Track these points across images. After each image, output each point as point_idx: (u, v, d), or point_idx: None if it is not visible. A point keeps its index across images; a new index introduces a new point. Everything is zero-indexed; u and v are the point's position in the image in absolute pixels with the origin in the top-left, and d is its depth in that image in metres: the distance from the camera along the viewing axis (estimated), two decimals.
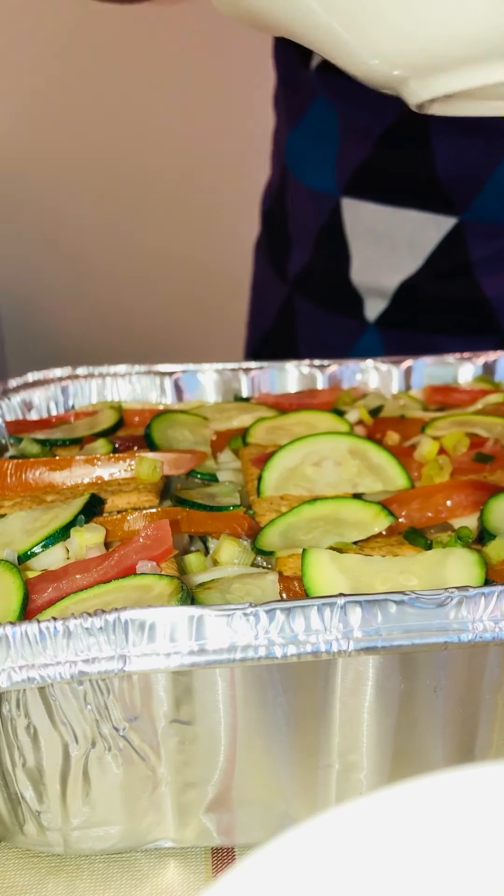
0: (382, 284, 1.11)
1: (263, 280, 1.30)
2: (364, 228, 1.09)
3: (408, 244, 1.07)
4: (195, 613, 0.47)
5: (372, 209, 1.07)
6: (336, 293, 1.16)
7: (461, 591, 0.49)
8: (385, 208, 1.06)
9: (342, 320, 1.16)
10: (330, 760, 0.53)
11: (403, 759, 0.54)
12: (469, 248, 1.04)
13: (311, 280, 1.19)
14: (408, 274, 1.09)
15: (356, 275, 1.12)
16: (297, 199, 1.18)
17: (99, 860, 0.57)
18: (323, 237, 1.14)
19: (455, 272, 1.06)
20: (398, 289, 1.10)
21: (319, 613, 0.48)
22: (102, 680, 0.48)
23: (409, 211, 1.05)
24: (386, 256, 1.09)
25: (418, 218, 1.05)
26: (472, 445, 0.74)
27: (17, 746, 0.51)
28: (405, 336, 1.12)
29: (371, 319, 1.14)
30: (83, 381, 0.88)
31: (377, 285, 1.12)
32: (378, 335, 1.14)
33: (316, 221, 1.14)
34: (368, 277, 1.12)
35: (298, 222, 1.18)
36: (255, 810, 0.55)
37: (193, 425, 0.80)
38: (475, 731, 0.53)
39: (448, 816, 0.30)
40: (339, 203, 1.10)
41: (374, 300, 1.13)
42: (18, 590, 0.55)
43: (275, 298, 1.25)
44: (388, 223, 1.07)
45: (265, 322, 1.28)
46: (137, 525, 0.63)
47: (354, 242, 1.11)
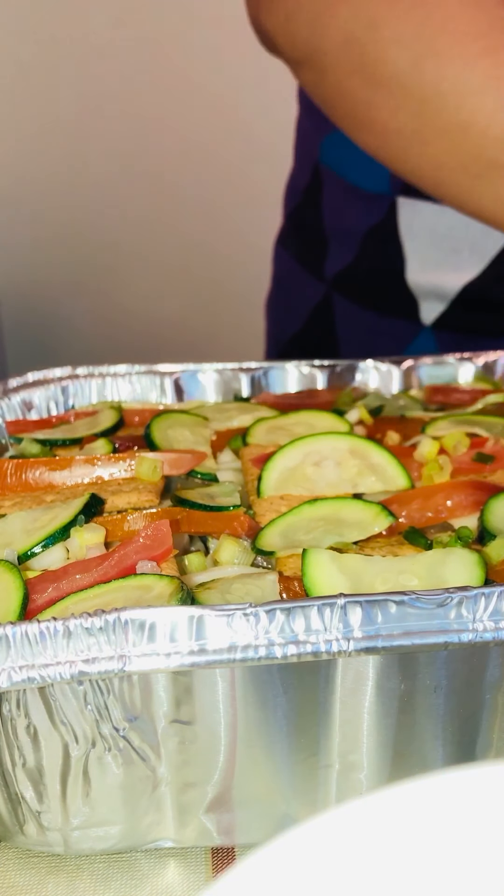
0: (442, 286, 1.09)
1: (290, 278, 1.27)
2: (422, 229, 1.07)
3: (470, 247, 1.05)
4: (195, 613, 0.47)
5: (432, 210, 1.05)
6: (386, 294, 1.13)
7: (461, 591, 0.49)
8: (447, 209, 1.03)
9: (392, 322, 1.14)
10: (330, 760, 0.53)
11: (403, 759, 0.54)
12: None
13: (355, 280, 1.16)
14: (471, 276, 1.06)
15: (412, 276, 1.10)
16: (337, 198, 1.16)
17: (99, 860, 0.57)
18: (372, 237, 1.11)
19: None
20: (460, 292, 1.08)
21: (319, 613, 0.48)
22: (102, 680, 0.48)
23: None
24: (446, 258, 1.07)
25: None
26: (472, 445, 0.74)
27: (17, 746, 0.51)
28: (462, 339, 1.10)
29: (427, 322, 1.11)
30: (83, 381, 0.88)
31: (436, 287, 1.09)
32: (432, 338, 1.12)
33: (364, 221, 1.12)
34: (427, 279, 1.09)
35: (339, 221, 1.16)
36: (255, 810, 0.55)
37: (193, 425, 0.80)
38: (475, 731, 0.53)
39: (448, 816, 0.30)
40: (395, 203, 1.08)
41: (431, 302, 1.11)
42: (18, 590, 0.55)
43: (308, 298, 1.22)
44: (450, 225, 1.05)
45: (294, 322, 1.25)
46: (137, 525, 0.63)
47: (410, 243, 1.08)
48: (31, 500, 0.69)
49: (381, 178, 1.08)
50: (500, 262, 1.05)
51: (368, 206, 1.11)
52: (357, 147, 1.07)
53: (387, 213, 1.09)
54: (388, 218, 1.09)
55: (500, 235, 1.02)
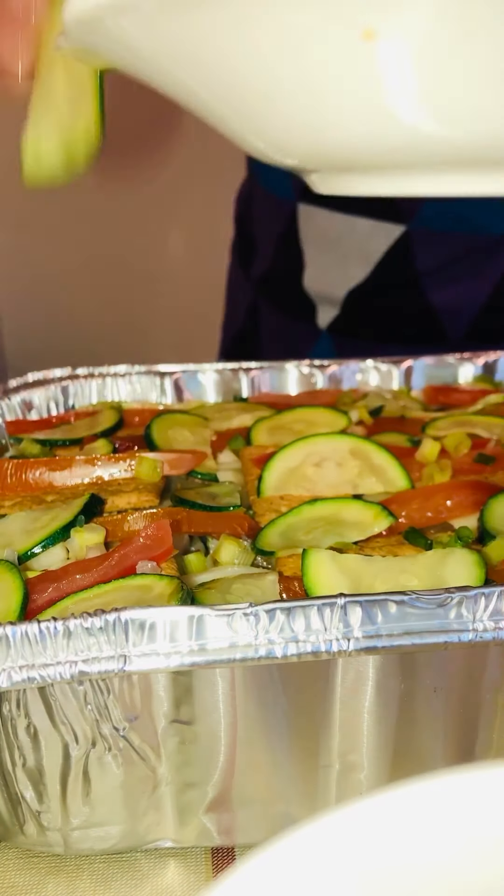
0: (333, 292, 1.12)
1: (235, 282, 1.32)
2: (317, 235, 1.10)
3: (358, 252, 1.08)
4: (195, 613, 0.47)
5: (325, 216, 1.08)
6: (293, 298, 1.17)
7: (461, 591, 0.49)
8: (337, 215, 1.07)
9: (299, 325, 1.17)
10: (330, 760, 0.53)
11: (403, 759, 0.54)
12: (416, 258, 1.05)
13: (271, 284, 1.20)
14: (356, 282, 1.09)
15: (308, 282, 1.13)
16: (260, 204, 1.20)
17: (99, 860, 0.57)
18: (282, 242, 1.15)
19: (403, 281, 1.07)
20: (347, 296, 1.11)
21: (319, 613, 0.48)
22: (102, 680, 0.48)
23: (359, 218, 1.06)
24: (337, 264, 1.10)
25: (368, 225, 1.05)
26: (473, 446, 0.74)
27: (18, 746, 0.51)
28: (356, 344, 1.13)
29: (322, 326, 1.14)
30: (83, 381, 0.88)
31: (328, 293, 1.12)
32: (330, 342, 1.15)
33: (277, 226, 1.15)
34: (320, 285, 1.13)
35: (261, 226, 1.20)
36: (255, 810, 0.55)
37: (193, 425, 0.80)
38: (475, 731, 0.53)
39: (448, 816, 0.30)
40: (296, 209, 1.10)
41: (326, 307, 1.14)
42: (18, 590, 0.55)
43: (244, 300, 1.27)
44: (340, 230, 1.08)
45: (236, 322, 1.30)
46: (137, 525, 0.63)
47: (308, 249, 1.12)
48: (32, 500, 0.69)
49: (285, 183, 1.11)
50: (383, 269, 1.07)
51: (279, 211, 1.14)
52: None
53: (291, 218, 1.12)
54: (291, 223, 1.12)
55: (384, 242, 1.05)
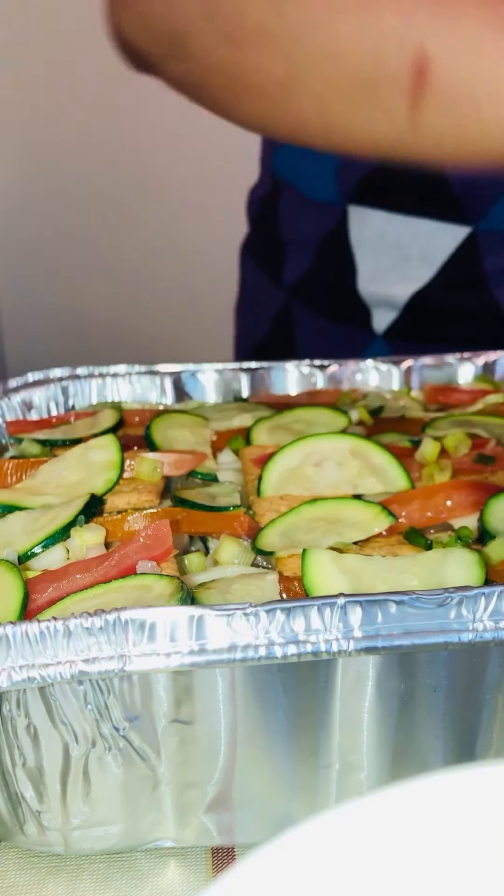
0: (392, 295, 1.09)
1: (255, 286, 1.28)
2: (372, 237, 1.07)
3: (419, 254, 1.05)
4: (195, 613, 0.47)
5: (381, 217, 1.05)
6: (340, 303, 1.13)
7: (461, 591, 0.49)
8: (395, 216, 1.04)
9: (347, 331, 1.14)
10: (330, 760, 0.53)
11: (403, 759, 0.54)
12: (483, 259, 1.02)
13: (311, 288, 1.17)
14: (420, 285, 1.06)
15: (363, 284, 1.10)
16: (292, 207, 1.16)
17: (99, 860, 0.57)
18: (325, 246, 1.12)
19: (469, 283, 1.05)
20: (410, 300, 1.08)
21: (319, 613, 0.48)
22: (102, 680, 0.48)
23: (420, 220, 1.03)
24: (396, 266, 1.07)
25: (430, 227, 1.03)
26: (473, 446, 0.74)
27: (18, 746, 0.51)
28: (414, 348, 1.09)
29: (379, 331, 1.12)
30: (83, 381, 0.88)
31: (386, 296, 1.09)
32: (386, 347, 1.12)
33: (317, 230, 1.12)
34: (377, 288, 1.10)
35: (295, 231, 1.16)
36: (255, 810, 0.55)
37: (193, 426, 0.80)
38: (475, 731, 0.53)
39: (448, 816, 0.30)
40: (346, 211, 1.08)
41: (383, 311, 1.11)
42: (18, 590, 0.55)
43: (269, 306, 1.23)
44: (399, 232, 1.05)
45: (259, 330, 1.26)
46: (137, 525, 0.63)
47: (360, 252, 1.09)
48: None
49: (329, 188, 1.09)
50: (448, 271, 1.05)
51: (321, 214, 1.11)
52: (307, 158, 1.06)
53: (338, 221, 1.09)
54: (339, 226, 1.09)
55: (448, 243, 1.03)
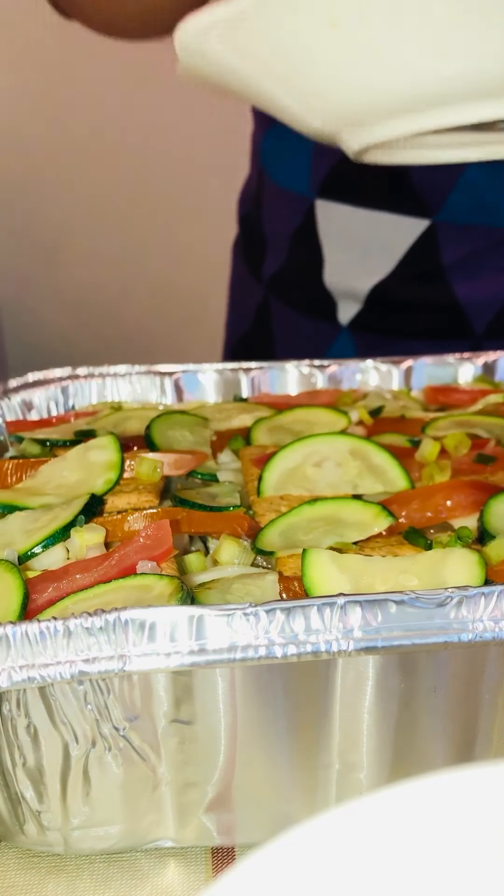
0: (355, 287, 1.11)
1: (241, 281, 1.30)
2: (337, 231, 1.09)
3: (380, 247, 1.07)
4: (195, 613, 0.47)
5: (345, 211, 1.07)
6: (310, 296, 1.16)
7: (461, 591, 0.49)
8: (358, 210, 1.06)
9: (316, 323, 1.16)
10: (330, 760, 0.53)
11: (403, 759, 0.54)
12: (441, 251, 1.04)
13: (286, 282, 1.19)
14: (380, 277, 1.09)
15: (329, 277, 1.12)
16: (271, 201, 1.18)
17: (99, 860, 0.57)
18: (297, 239, 1.14)
19: (428, 275, 1.06)
20: (371, 292, 1.10)
21: (319, 613, 0.48)
22: (102, 680, 0.48)
23: (381, 213, 1.05)
24: (359, 259, 1.09)
25: (391, 220, 1.05)
26: (473, 446, 0.74)
27: (18, 746, 0.51)
28: (378, 340, 1.12)
29: (344, 323, 1.14)
30: (83, 381, 0.88)
31: (350, 288, 1.12)
32: (351, 339, 1.14)
33: (290, 223, 1.14)
34: (341, 280, 1.12)
35: (273, 224, 1.19)
36: (255, 810, 0.55)
37: (193, 426, 0.80)
38: (475, 731, 0.53)
39: (448, 816, 0.30)
40: (314, 205, 1.10)
41: (347, 303, 1.13)
42: (18, 590, 0.55)
43: (252, 300, 1.25)
44: (361, 225, 1.07)
45: (243, 324, 1.29)
46: (137, 525, 0.63)
47: (328, 245, 1.11)
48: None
49: (302, 180, 1.10)
50: (407, 263, 1.06)
51: (293, 207, 1.13)
52: (287, 146, 1.09)
53: (307, 215, 1.11)
54: (308, 220, 1.11)
55: (408, 236, 1.05)
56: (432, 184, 1.00)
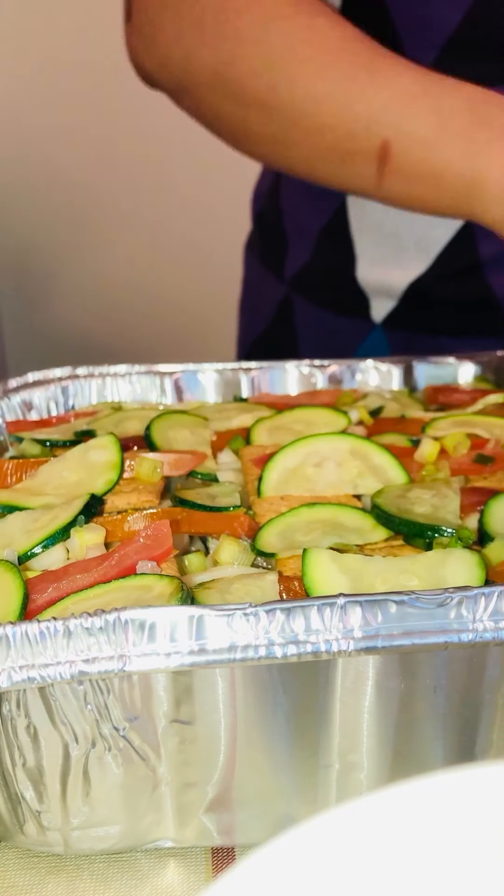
0: (390, 284, 1.09)
1: (256, 281, 1.29)
2: (371, 227, 1.08)
3: (416, 243, 1.06)
4: (195, 613, 0.47)
5: (379, 207, 1.05)
6: (340, 293, 1.14)
7: (461, 591, 0.49)
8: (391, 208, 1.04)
9: (346, 321, 1.15)
10: (330, 760, 0.53)
11: (403, 759, 0.54)
12: (479, 247, 1.03)
13: (312, 280, 1.17)
14: (417, 273, 1.07)
15: (362, 274, 1.11)
16: (294, 198, 1.17)
17: (99, 860, 0.57)
18: (325, 236, 1.13)
19: (464, 272, 1.05)
20: (407, 289, 1.08)
21: (319, 613, 0.48)
22: (102, 680, 0.48)
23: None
24: (393, 255, 1.08)
25: (424, 217, 1.02)
26: (472, 447, 0.74)
27: (17, 746, 0.51)
28: (412, 337, 1.11)
29: (377, 320, 1.12)
30: (83, 381, 0.88)
31: (384, 285, 1.10)
32: (384, 336, 1.13)
33: (317, 220, 1.13)
34: (375, 277, 1.10)
35: (296, 221, 1.17)
36: (255, 810, 0.55)
37: (193, 426, 0.80)
38: (475, 731, 0.53)
39: (448, 816, 0.30)
40: (345, 201, 1.09)
41: (381, 300, 1.11)
42: (18, 590, 0.55)
43: (270, 299, 1.24)
44: (396, 221, 1.06)
45: (259, 323, 1.27)
46: (137, 525, 0.63)
47: (360, 241, 1.09)
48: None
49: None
50: (444, 260, 1.05)
51: (320, 204, 1.12)
52: None
53: (337, 211, 1.10)
54: (338, 216, 1.10)
55: (444, 232, 1.03)
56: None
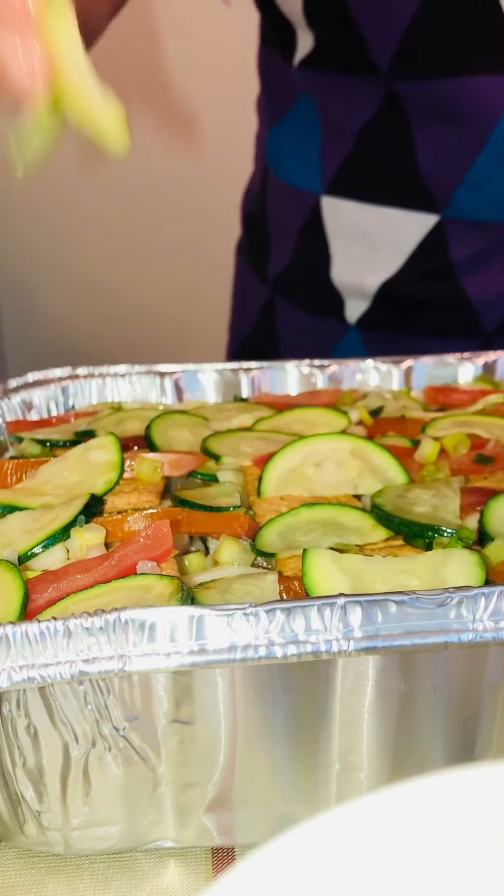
0: (363, 285, 1.10)
1: (244, 283, 1.30)
2: (344, 227, 1.09)
3: (389, 243, 1.06)
4: (195, 613, 0.47)
5: (353, 207, 1.07)
6: (317, 294, 1.15)
7: (461, 591, 0.49)
8: (366, 207, 1.06)
9: (323, 322, 1.16)
10: (330, 760, 0.53)
11: (403, 759, 0.54)
12: (450, 248, 1.04)
13: (291, 281, 1.18)
14: (389, 274, 1.08)
15: (337, 275, 1.12)
16: (276, 199, 1.18)
17: (99, 860, 0.57)
18: (303, 236, 1.13)
19: (437, 272, 1.06)
20: (379, 289, 1.09)
21: (319, 613, 0.48)
22: (102, 680, 0.48)
23: (390, 209, 1.04)
24: (367, 256, 1.09)
25: (399, 216, 1.04)
26: (472, 447, 0.74)
27: (18, 746, 0.51)
28: (386, 338, 1.12)
29: (352, 321, 1.13)
30: (83, 381, 0.88)
31: (358, 286, 1.11)
32: (359, 337, 1.13)
33: (296, 221, 1.14)
34: (349, 277, 1.11)
35: (278, 222, 1.18)
36: (255, 810, 0.55)
37: (193, 426, 0.80)
38: (475, 731, 0.53)
39: (448, 816, 0.30)
40: (319, 201, 1.09)
41: (356, 301, 1.12)
42: (19, 590, 0.55)
43: (256, 301, 1.25)
44: (369, 222, 1.06)
45: (247, 325, 1.28)
46: (138, 525, 0.63)
47: (335, 242, 1.10)
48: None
49: (310, 176, 1.10)
50: (416, 260, 1.06)
51: (299, 204, 1.12)
52: (294, 143, 1.10)
53: (312, 211, 1.11)
54: (314, 216, 1.11)
55: (417, 232, 1.04)
56: (441, 175, 1.00)
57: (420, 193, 1.02)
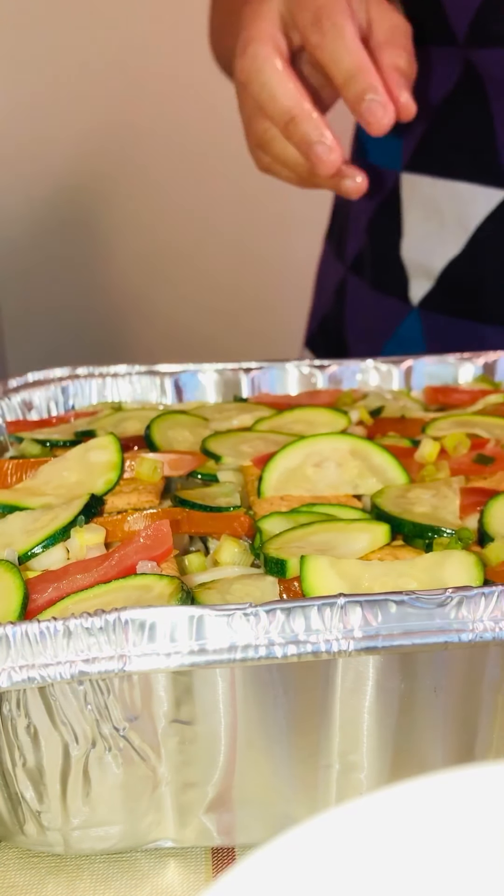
0: (430, 264, 1.07)
1: (325, 264, 1.29)
2: (421, 203, 1.06)
3: (456, 219, 1.03)
4: (195, 613, 0.47)
5: (427, 183, 1.04)
6: (385, 272, 1.13)
7: (461, 591, 0.49)
8: (438, 181, 1.03)
9: (388, 302, 1.13)
10: (330, 760, 0.53)
11: (403, 759, 0.54)
12: None
13: (365, 259, 1.16)
14: (455, 252, 1.04)
15: (406, 251, 1.09)
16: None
17: (99, 860, 0.57)
18: (379, 214, 1.12)
19: (499, 251, 1.01)
20: (444, 270, 1.06)
21: (319, 613, 0.48)
22: (102, 680, 0.48)
23: (459, 183, 1.01)
24: (435, 232, 1.05)
25: (467, 190, 1.01)
26: (472, 447, 0.74)
27: (18, 746, 0.51)
28: (446, 323, 1.08)
29: (415, 302, 1.10)
30: (83, 381, 0.88)
31: (424, 263, 1.07)
32: (419, 320, 1.10)
33: (375, 199, 1.12)
34: (417, 255, 1.08)
35: (359, 202, 1.15)
36: (255, 810, 0.55)
37: (193, 426, 0.80)
38: (475, 731, 0.53)
39: (448, 816, 0.30)
40: (399, 178, 1.08)
41: (420, 281, 1.09)
42: (18, 590, 0.55)
43: (332, 280, 1.24)
44: (440, 197, 1.04)
45: (324, 305, 1.27)
46: (138, 525, 0.63)
47: (409, 218, 1.08)
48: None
49: (392, 154, 1.08)
50: (481, 238, 1.02)
51: (380, 182, 1.11)
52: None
53: (392, 189, 1.09)
54: (392, 194, 1.09)
55: (483, 206, 1.01)
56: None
57: (492, 167, 0.99)
